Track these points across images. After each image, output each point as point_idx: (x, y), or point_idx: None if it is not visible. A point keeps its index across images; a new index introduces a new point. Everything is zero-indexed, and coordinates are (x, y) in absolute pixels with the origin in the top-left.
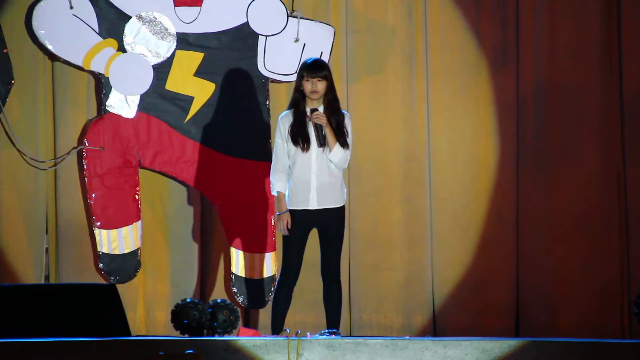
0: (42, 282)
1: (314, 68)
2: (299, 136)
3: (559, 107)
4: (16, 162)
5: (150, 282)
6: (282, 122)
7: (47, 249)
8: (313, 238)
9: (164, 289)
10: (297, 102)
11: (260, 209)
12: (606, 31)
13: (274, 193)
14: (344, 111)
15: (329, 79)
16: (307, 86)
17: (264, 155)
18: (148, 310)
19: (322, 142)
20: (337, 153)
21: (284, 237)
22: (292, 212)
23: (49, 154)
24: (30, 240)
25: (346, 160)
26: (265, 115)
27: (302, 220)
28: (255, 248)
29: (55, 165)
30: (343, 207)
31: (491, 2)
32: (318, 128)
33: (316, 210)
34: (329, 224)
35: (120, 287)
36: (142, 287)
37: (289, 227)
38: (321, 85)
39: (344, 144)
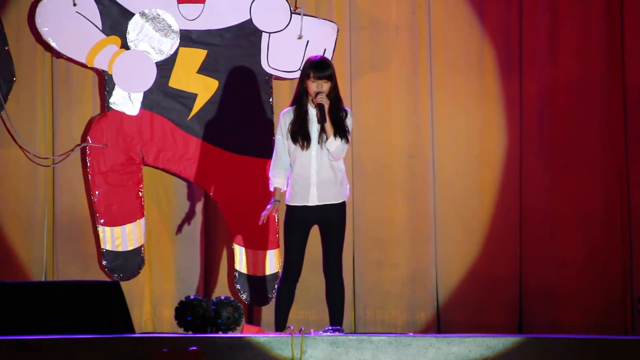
0: (43, 279)
1: (320, 69)
2: (299, 134)
3: (563, 105)
4: (15, 159)
5: (156, 279)
6: (283, 119)
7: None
8: (315, 235)
9: (169, 287)
10: (300, 100)
11: (263, 206)
12: (609, 30)
13: (271, 189)
14: (346, 108)
15: (333, 78)
16: (312, 86)
17: (267, 152)
18: (154, 307)
19: (322, 120)
20: (335, 141)
21: (285, 234)
22: (293, 209)
23: (48, 152)
24: (30, 238)
25: (343, 150)
26: (269, 112)
27: (303, 216)
28: (258, 245)
29: (59, 162)
30: (344, 203)
31: None
32: (320, 108)
33: (316, 206)
34: (330, 220)
35: (126, 285)
36: (147, 284)
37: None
38: (326, 86)
39: (342, 137)
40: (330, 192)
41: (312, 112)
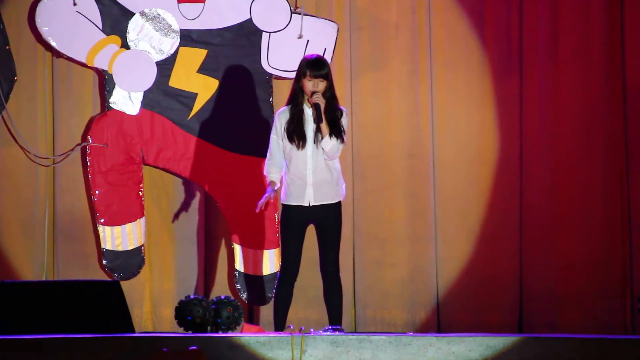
0: (43, 279)
1: (316, 67)
2: (295, 134)
3: (562, 104)
4: (16, 159)
5: (156, 279)
6: (278, 119)
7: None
8: (314, 235)
9: (169, 286)
10: (296, 99)
11: None
12: (609, 30)
13: (267, 182)
14: (342, 107)
15: (329, 77)
16: (309, 85)
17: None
18: (154, 307)
19: (318, 119)
20: (330, 141)
21: (282, 234)
22: (289, 208)
23: (49, 151)
24: (30, 238)
25: (338, 150)
26: (269, 112)
27: (299, 216)
28: (258, 245)
29: (59, 162)
30: (339, 203)
31: None
32: (316, 108)
33: (312, 206)
34: (326, 219)
35: (126, 285)
36: (148, 284)
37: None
38: (322, 85)
39: (338, 137)
40: (326, 192)
41: (308, 111)
